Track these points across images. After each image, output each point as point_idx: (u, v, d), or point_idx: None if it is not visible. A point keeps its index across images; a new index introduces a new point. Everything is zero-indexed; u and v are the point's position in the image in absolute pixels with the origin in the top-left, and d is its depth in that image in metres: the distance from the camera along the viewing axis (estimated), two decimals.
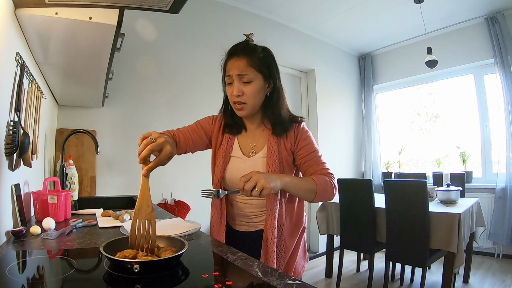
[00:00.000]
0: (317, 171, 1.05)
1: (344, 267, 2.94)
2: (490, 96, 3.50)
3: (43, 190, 1.32)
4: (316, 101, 3.87)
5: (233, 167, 1.08)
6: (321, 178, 1.02)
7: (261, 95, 1.03)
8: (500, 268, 2.95)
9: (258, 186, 0.86)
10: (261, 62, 1.02)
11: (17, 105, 1.00)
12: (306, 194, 1.00)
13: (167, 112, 2.66)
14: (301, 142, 1.06)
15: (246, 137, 1.12)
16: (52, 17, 0.92)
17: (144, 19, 2.51)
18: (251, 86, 1.00)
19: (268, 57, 1.05)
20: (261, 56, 1.03)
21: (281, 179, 0.93)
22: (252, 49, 1.03)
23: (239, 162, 1.08)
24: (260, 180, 0.86)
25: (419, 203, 2.21)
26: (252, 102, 1.02)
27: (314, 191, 0.99)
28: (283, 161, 1.05)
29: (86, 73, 1.50)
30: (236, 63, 1.01)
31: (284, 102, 1.08)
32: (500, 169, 3.25)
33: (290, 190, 0.98)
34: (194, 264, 0.77)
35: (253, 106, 1.03)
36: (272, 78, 1.05)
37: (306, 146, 1.06)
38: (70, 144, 2.16)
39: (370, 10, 3.31)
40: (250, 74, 1.00)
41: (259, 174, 0.88)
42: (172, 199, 2.61)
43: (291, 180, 0.96)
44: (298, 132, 1.07)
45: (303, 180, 1.02)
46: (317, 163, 1.06)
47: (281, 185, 0.93)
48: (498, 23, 3.21)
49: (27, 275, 0.68)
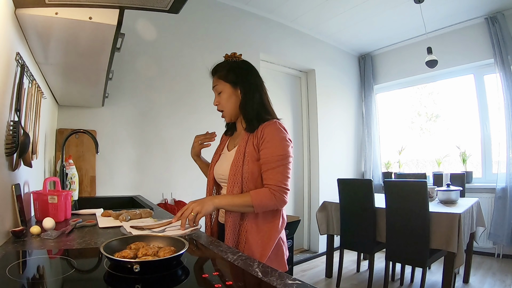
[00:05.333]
0: (267, 180, 1.07)
1: (344, 267, 2.94)
2: (490, 96, 3.50)
3: (43, 190, 1.32)
4: (316, 101, 3.87)
5: (219, 161, 1.25)
6: (261, 192, 1.06)
7: (232, 101, 1.17)
8: (500, 268, 2.95)
9: (193, 211, 1.00)
10: (227, 73, 1.17)
11: (17, 105, 1.00)
12: (243, 209, 1.07)
13: (167, 112, 2.67)
14: (264, 142, 1.08)
15: (234, 137, 1.27)
16: (52, 17, 0.92)
17: (144, 19, 2.51)
18: (222, 95, 1.18)
19: (234, 67, 1.18)
20: (227, 68, 1.18)
21: (213, 201, 1.05)
22: (220, 65, 1.20)
23: (223, 156, 1.24)
24: (194, 207, 1.01)
25: (419, 203, 2.20)
26: (227, 108, 1.18)
27: (250, 205, 1.05)
28: (248, 156, 1.10)
29: (86, 73, 1.50)
30: (213, 80, 1.22)
31: (260, 104, 1.16)
32: (500, 169, 3.25)
33: (225, 208, 1.08)
34: (194, 264, 0.77)
35: (229, 111, 1.19)
36: (239, 83, 1.16)
37: (268, 149, 1.07)
38: (70, 144, 2.16)
39: (370, 10, 3.31)
40: (219, 86, 1.18)
41: (193, 202, 1.03)
42: (172, 199, 2.61)
43: (223, 200, 1.07)
44: (265, 129, 1.09)
45: (237, 198, 1.06)
46: (271, 171, 1.06)
47: (214, 206, 1.05)
48: (498, 23, 3.21)
49: (27, 275, 0.68)
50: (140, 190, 2.45)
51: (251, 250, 1.07)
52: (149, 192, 2.48)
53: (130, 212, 1.30)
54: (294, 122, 3.86)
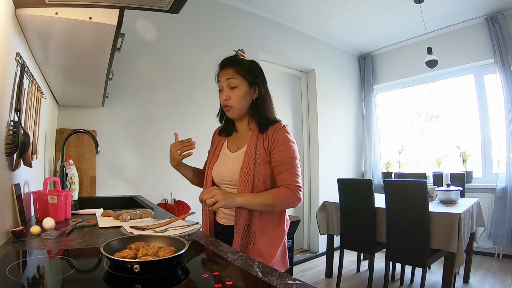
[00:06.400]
0: (283, 181, 1.09)
1: (344, 267, 2.94)
2: (490, 96, 3.50)
3: (43, 190, 1.32)
4: (316, 101, 3.87)
5: (219, 162, 1.21)
6: (281, 191, 1.07)
7: (246, 100, 1.16)
8: (500, 268, 2.95)
9: (214, 198, 0.97)
10: (246, 70, 1.15)
11: (17, 105, 1.00)
12: (264, 208, 1.07)
13: (167, 112, 2.66)
14: (277, 145, 1.10)
15: (235, 138, 1.24)
16: (52, 17, 0.92)
17: (144, 19, 2.51)
18: (236, 91, 1.14)
19: (253, 67, 1.19)
20: (247, 65, 1.17)
21: (236, 199, 1.02)
22: (239, 60, 1.18)
23: (224, 157, 1.21)
24: (216, 195, 0.97)
25: (419, 203, 2.20)
26: (238, 105, 1.15)
27: (271, 205, 1.06)
28: (260, 157, 1.11)
29: (86, 73, 1.50)
30: (225, 72, 1.15)
31: (270, 107, 1.19)
32: (500, 169, 3.25)
33: (246, 207, 1.06)
34: (194, 264, 0.77)
35: (239, 109, 1.15)
36: (257, 84, 1.17)
37: (281, 152, 1.10)
38: (70, 144, 2.16)
39: (370, 10, 3.31)
40: (235, 80, 1.14)
41: (217, 189, 1.00)
42: (172, 199, 2.61)
43: (245, 199, 1.04)
44: (276, 133, 1.11)
45: (259, 197, 1.06)
46: (286, 172, 1.09)
47: (235, 204, 1.03)
48: (498, 23, 3.21)
49: (27, 275, 0.68)
50: (140, 190, 2.45)
51: (259, 250, 1.07)
52: (149, 192, 2.48)
53: (130, 212, 1.30)
54: (294, 122, 3.85)
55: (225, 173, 1.16)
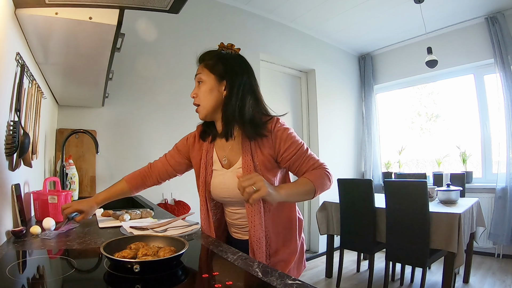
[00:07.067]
0: (309, 168, 1.02)
1: (344, 267, 2.94)
2: (490, 96, 3.50)
3: (43, 190, 1.32)
4: (316, 101, 3.87)
5: (216, 182, 1.07)
6: (315, 174, 1.01)
7: (213, 96, 1.01)
8: (500, 268, 2.95)
9: (256, 186, 0.83)
10: (215, 63, 1.02)
11: (17, 105, 1.00)
12: (306, 197, 1.01)
13: (167, 112, 2.66)
14: (282, 144, 1.00)
15: (221, 147, 1.09)
16: (52, 17, 0.92)
17: (144, 19, 2.51)
18: (202, 86, 1.02)
19: (225, 59, 1.03)
20: (217, 57, 1.03)
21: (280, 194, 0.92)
22: (209, 53, 1.05)
23: (220, 176, 1.07)
24: (258, 183, 0.84)
25: (419, 203, 2.20)
26: (204, 103, 1.02)
27: (312, 191, 0.99)
28: (260, 167, 1.01)
29: (86, 73, 1.50)
30: (198, 68, 1.06)
31: (246, 104, 1.00)
32: (500, 169, 3.25)
33: (290, 200, 1.00)
34: (194, 264, 0.77)
35: (205, 106, 1.02)
36: (227, 78, 1.01)
37: (289, 148, 1.00)
38: (70, 144, 2.16)
39: (370, 10, 3.31)
40: (202, 75, 1.03)
41: (262, 177, 0.87)
42: (172, 199, 2.61)
43: (287, 193, 0.95)
44: (275, 134, 1.01)
45: (301, 186, 0.99)
46: (307, 161, 1.03)
47: (281, 196, 0.93)
48: (498, 23, 3.21)
49: (27, 275, 0.68)
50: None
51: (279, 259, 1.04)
52: (149, 192, 2.45)
53: (130, 212, 1.30)
54: (294, 122, 3.85)
55: (226, 194, 1.05)
